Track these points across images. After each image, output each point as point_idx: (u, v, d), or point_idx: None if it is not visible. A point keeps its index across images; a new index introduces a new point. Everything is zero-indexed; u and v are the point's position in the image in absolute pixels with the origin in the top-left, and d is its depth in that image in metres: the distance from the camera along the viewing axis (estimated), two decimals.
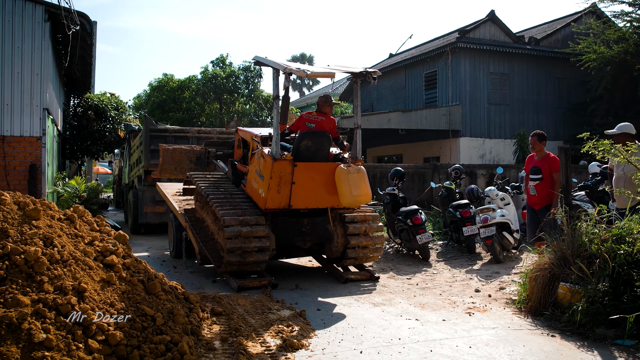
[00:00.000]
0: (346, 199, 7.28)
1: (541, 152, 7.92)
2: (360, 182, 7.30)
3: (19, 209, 4.55)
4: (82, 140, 17.49)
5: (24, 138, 11.56)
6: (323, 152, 7.56)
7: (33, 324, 3.60)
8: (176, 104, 28.05)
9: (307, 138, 7.38)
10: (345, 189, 7.22)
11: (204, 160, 11.09)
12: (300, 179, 7.35)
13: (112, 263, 4.62)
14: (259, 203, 7.63)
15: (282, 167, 7.18)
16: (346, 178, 7.24)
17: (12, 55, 11.46)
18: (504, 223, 9.27)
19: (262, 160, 7.49)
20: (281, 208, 7.52)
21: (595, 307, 5.41)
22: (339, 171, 7.33)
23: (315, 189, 7.52)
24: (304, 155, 7.35)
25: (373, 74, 7.53)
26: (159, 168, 11.15)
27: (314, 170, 7.43)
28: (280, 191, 7.30)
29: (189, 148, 11.38)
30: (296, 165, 7.24)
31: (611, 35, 18.77)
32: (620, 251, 5.62)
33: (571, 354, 4.89)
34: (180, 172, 11.05)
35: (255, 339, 4.93)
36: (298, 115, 16.15)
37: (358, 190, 7.25)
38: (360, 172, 7.39)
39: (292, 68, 7.00)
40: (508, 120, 21.47)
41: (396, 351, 4.89)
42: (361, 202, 7.42)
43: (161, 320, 4.32)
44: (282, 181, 7.25)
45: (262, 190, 7.45)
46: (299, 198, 7.49)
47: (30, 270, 3.99)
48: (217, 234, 7.89)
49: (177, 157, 11.17)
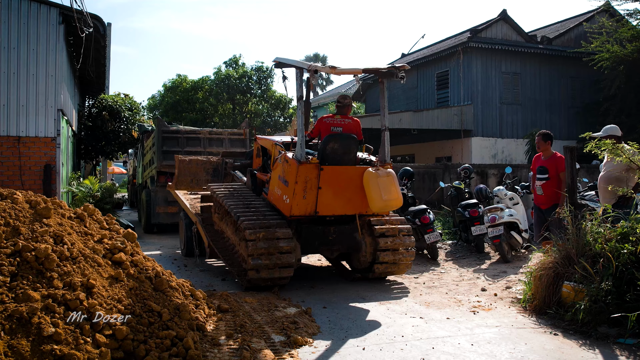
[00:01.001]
0: (376, 203, 6.91)
1: (547, 151, 7.94)
2: (390, 185, 6.92)
3: (30, 208, 4.69)
4: (97, 140, 17.71)
5: (39, 139, 11.76)
6: (350, 155, 7.20)
7: (43, 319, 3.72)
8: (189, 104, 28.29)
9: (333, 141, 7.05)
10: (375, 194, 6.85)
11: (221, 172, 10.76)
12: (327, 183, 6.99)
13: (121, 260, 4.75)
14: (283, 210, 7.23)
15: (308, 171, 6.84)
16: (375, 182, 6.87)
17: (27, 57, 11.67)
18: (512, 222, 9.29)
19: (286, 165, 7.13)
20: (307, 215, 7.14)
21: (598, 306, 5.44)
22: (367, 175, 6.97)
23: (343, 195, 7.16)
24: (331, 158, 7.02)
25: (401, 69, 7.17)
26: (175, 180, 10.71)
27: (341, 174, 7.08)
28: (306, 197, 6.94)
29: (206, 159, 10.96)
30: (322, 169, 6.89)
31: (624, 33, 18.64)
32: (624, 250, 5.65)
33: (572, 352, 4.93)
34: (197, 185, 10.63)
35: (259, 335, 5.03)
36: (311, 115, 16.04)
37: (388, 195, 6.88)
38: (390, 175, 7.01)
39: (318, 65, 6.75)
40: (520, 119, 21.41)
41: (398, 348, 4.97)
42: (392, 206, 7.07)
43: (167, 316, 4.43)
44: (308, 186, 6.90)
45: (286, 197, 7.07)
46: (326, 204, 7.12)
47: (40, 266, 4.13)
48: (238, 245, 7.54)
49: (194, 168, 10.74)
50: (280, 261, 6.94)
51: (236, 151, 11.69)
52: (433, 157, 22.46)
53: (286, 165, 7.10)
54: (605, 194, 7.13)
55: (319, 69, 6.71)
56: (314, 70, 6.71)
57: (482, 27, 21.50)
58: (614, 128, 7.37)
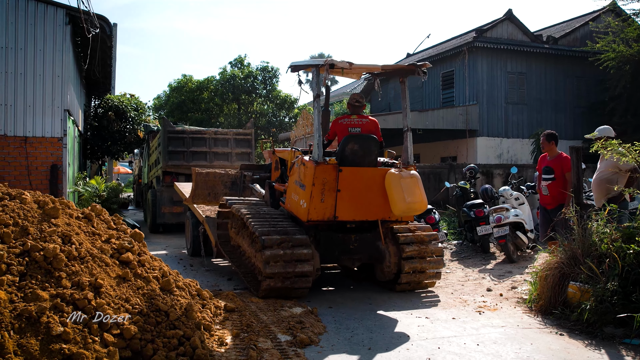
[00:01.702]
0: (399, 206, 6.49)
1: (553, 151, 7.93)
2: (414, 187, 6.53)
3: (38, 208, 4.73)
4: (103, 140, 17.79)
5: (46, 139, 11.82)
6: (371, 157, 6.84)
7: (51, 318, 3.76)
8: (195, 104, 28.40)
9: (353, 141, 6.70)
10: (398, 196, 6.45)
11: (239, 185, 10.39)
12: (346, 186, 6.63)
13: (128, 260, 4.78)
14: (300, 216, 6.83)
15: (326, 172, 6.53)
16: (398, 183, 6.48)
17: (34, 57, 11.73)
18: (518, 223, 9.29)
19: (302, 168, 6.82)
20: (325, 220, 6.72)
21: (604, 306, 5.44)
22: (389, 176, 6.57)
23: (363, 198, 6.75)
24: (350, 160, 6.67)
25: (422, 67, 6.90)
26: (192, 194, 10.32)
27: (361, 176, 6.71)
28: (324, 200, 6.56)
29: (224, 172, 10.63)
30: (341, 171, 6.56)
31: (630, 33, 18.58)
32: (630, 251, 5.65)
33: (578, 352, 4.93)
34: (214, 198, 10.26)
35: (266, 335, 5.06)
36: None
37: (412, 197, 6.47)
38: (414, 177, 6.63)
39: (335, 60, 6.55)
40: (526, 119, 21.37)
41: (404, 348, 4.98)
42: (416, 209, 6.63)
43: (174, 316, 4.46)
44: (326, 188, 6.54)
45: (303, 201, 6.68)
46: (346, 208, 6.71)
47: (49, 266, 4.16)
48: (254, 257, 7.16)
49: (211, 181, 10.35)
50: (298, 270, 6.52)
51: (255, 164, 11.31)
52: (438, 157, 22.44)
53: (303, 167, 6.82)
54: (596, 194, 7.19)
55: (336, 64, 6.49)
56: (330, 64, 6.50)
57: (488, 26, 21.46)
58: (608, 129, 7.42)
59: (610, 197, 6.97)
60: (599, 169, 7.26)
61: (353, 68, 6.58)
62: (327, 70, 6.54)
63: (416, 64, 6.95)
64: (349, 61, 6.52)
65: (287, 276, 6.50)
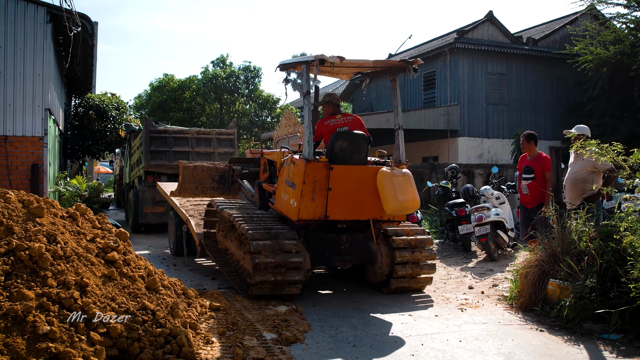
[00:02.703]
0: (391, 205, 6.37)
1: (532, 151, 8.07)
2: (406, 186, 6.43)
3: (23, 207, 4.71)
4: (84, 140, 17.66)
5: (26, 138, 11.71)
6: (361, 155, 6.72)
7: (37, 317, 3.76)
8: (177, 104, 28.27)
9: (342, 138, 6.59)
10: (390, 194, 6.33)
11: (228, 179, 10.17)
12: (338, 184, 6.47)
13: (113, 259, 4.79)
14: (290, 215, 6.64)
15: (317, 170, 6.38)
16: (390, 181, 6.36)
17: (15, 56, 11.62)
18: (499, 222, 9.41)
19: (292, 167, 6.67)
20: (316, 219, 6.56)
21: (583, 303, 5.57)
22: (381, 175, 6.46)
23: (355, 197, 6.61)
24: (339, 158, 6.53)
25: (414, 64, 6.79)
26: (179, 187, 10.04)
27: (352, 174, 6.58)
28: (315, 199, 6.41)
29: (212, 165, 10.33)
30: (332, 169, 6.41)
31: (607, 36, 18.90)
32: (608, 248, 5.79)
33: (558, 347, 5.04)
34: (202, 192, 10.06)
35: (251, 333, 5.09)
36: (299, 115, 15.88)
37: (405, 195, 6.36)
38: (406, 175, 6.53)
39: (326, 55, 6.32)
40: (506, 120, 21.63)
41: (388, 345, 5.05)
42: (409, 208, 6.51)
43: (161, 314, 4.48)
44: (317, 187, 6.39)
45: (293, 200, 6.51)
46: (337, 208, 6.56)
47: (34, 265, 4.15)
48: (242, 260, 7.04)
49: (199, 175, 10.07)
50: (288, 279, 6.39)
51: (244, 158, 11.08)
52: (420, 157, 22.60)
53: (293, 166, 6.66)
54: (572, 194, 7.32)
55: (327, 59, 6.29)
56: (320, 59, 6.31)
57: (469, 28, 21.69)
58: (585, 128, 7.60)
59: (587, 197, 7.11)
60: (573, 169, 7.40)
61: (344, 63, 6.44)
62: (318, 66, 6.39)
63: (407, 60, 6.82)
64: (340, 56, 6.37)
65: (276, 283, 6.37)
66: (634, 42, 18.47)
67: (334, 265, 7.27)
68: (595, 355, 4.81)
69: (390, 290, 7.14)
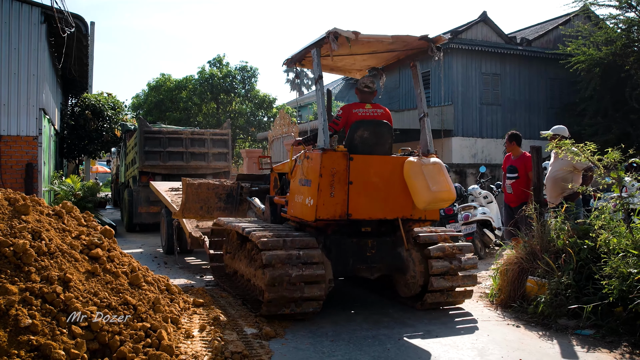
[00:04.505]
0: (422, 197, 5.65)
1: (516, 151, 8.21)
2: (439, 175, 5.73)
3: (9, 205, 4.83)
4: (80, 139, 17.77)
5: (21, 137, 11.82)
6: (384, 146, 6.07)
7: (20, 311, 3.88)
8: (173, 103, 28.41)
9: (363, 127, 5.95)
10: (421, 185, 5.65)
11: (236, 198, 9.41)
12: (359, 177, 5.75)
13: (97, 256, 4.91)
14: (306, 217, 5.79)
15: (335, 161, 5.65)
16: (420, 171, 5.70)
17: (9, 56, 11.73)
18: (485, 220, 9.56)
19: (306, 162, 5.94)
20: (337, 218, 5.72)
21: (559, 299, 5.71)
22: (409, 165, 5.81)
23: (380, 192, 5.86)
24: (360, 149, 5.88)
25: (436, 41, 6.04)
26: (182, 207, 9.23)
27: (375, 165, 5.87)
28: (335, 194, 5.63)
29: (218, 183, 9.57)
30: (352, 159, 5.71)
31: (599, 37, 19.04)
32: (585, 246, 5.92)
33: (532, 342, 5.17)
34: (207, 212, 9.27)
35: (232, 328, 5.22)
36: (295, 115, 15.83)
37: (438, 185, 5.65)
38: (438, 163, 5.85)
39: (340, 29, 5.61)
40: (500, 120, 21.75)
41: (366, 339, 5.17)
42: (443, 199, 5.74)
43: (142, 309, 4.60)
44: (336, 180, 5.64)
45: (310, 199, 5.71)
46: (360, 205, 5.76)
47: (18, 261, 4.27)
48: (253, 277, 6.20)
49: (204, 194, 9.30)
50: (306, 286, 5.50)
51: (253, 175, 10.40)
52: None
53: (307, 161, 5.93)
54: (553, 193, 7.47)
55: (341, 33, 5.58)
56: (333, 33, 5.59)
57: (463, 28, 21.82)
58: (563, 129, 7.75)
59: (566, 195, 7.25)
60: (553, 168, 7.54)
61: (360, 39, 5.69)
62: (333, 41, 5.59)
63: (428, 37, 6.02)
64: (355, 30, 5.64)
65: (293, 300, 5.48)
66: (626, 43, 18.60)
67: (359, 275, 6.26)
68: (566, 350, 4.94)
69: (425, 306, 6.21)
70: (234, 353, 4.48)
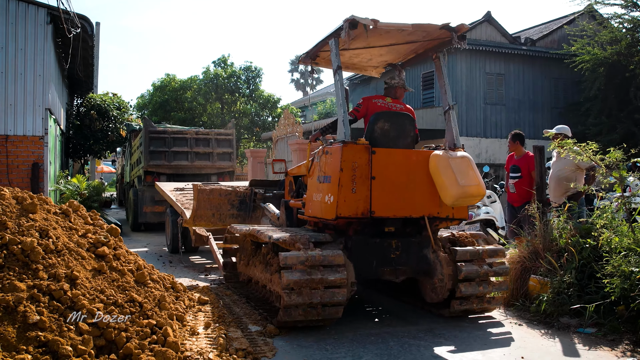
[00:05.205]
0: (451, 192, 5.36)
1: (519, 151, 8.24)
2: (467, 169, 5.46)
3: (17, 203, 4.90)
4: (85, 139, 17.88)
5: (27, 137, 11.92)
6: (406, 139, 5.83)
7: (28, 307, 3.94)
8: (178, 103, 28.48)
9: (383, 119, 5.70)
10: (449, 179, 5.36)
11: (249, 204, 9.19)
12: (382, 172, 5.45)
13: (104, 254, 4.97)
14: (326, 215, 5.47)
15: (356, 154, 5.36)
16: (447, 164, 5.42)
17: (16, 57, 11.82)
18: (489, 220, 9.59)
19: (324, 158, 5.66)
20: (359, 216, 5.39)
21: (561, 298, 5.74)
22: (435, 158, 5.54)
23: (404, 189, 5.55)
24: (381, 142, 5.62)
25: (458, 30, 5.72)
26: (193, 215, 8.96)
27: (399, 160, 5.58)
28: (356, 190, 5.33)
29: (231, 189, 9.33)
30: (374, 153, 5.43)
31: (604, 36, 19.03)
32: (586, 245, 5.96)
33: (534, 340, 5.21)
34: (219, 220, 9.03)
35: (237, 325, 5.28)
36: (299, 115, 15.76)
37: (467, 179, 5.38)
38: (466, 157, 5.58)
39: (358, 16, 5.34)
40: (504, 119, 21.74)
41: (371, 337, 5.22)
42: (473, 195, 5.43)
43: (148, 306, 4.66)
44: (358, 175, 5.34)
45: (329, 195, 5.40)
46: (383, 202, 5.45)
47: (26, 259, 4.34)
48: (269, 283, 5.89)
49: (216, 200, 9.06)
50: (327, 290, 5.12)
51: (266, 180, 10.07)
52: None
53: (325, 157, 5.65)
54: (556, 192, 7.49)
55: (359, 20, 5.31)
56: (351, 21, 5.32)
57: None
58: (566, 128, 7.78)
59: (570, 195, 7.28)
60: (556, 167, 7.56)
61: (379, 27, 5.39)
62: (348, 31, 5.32)
63: (450, 26, 5.71)
64: (374, 18, 5.36)
65: (312, 305, 5.12)
66: (631, 42, 18.60)
67: (383, 278, 5.86)
68: (568, 348, 4.97)
69: (453, 313, 5.87)
70: (239, 350, 4.54)
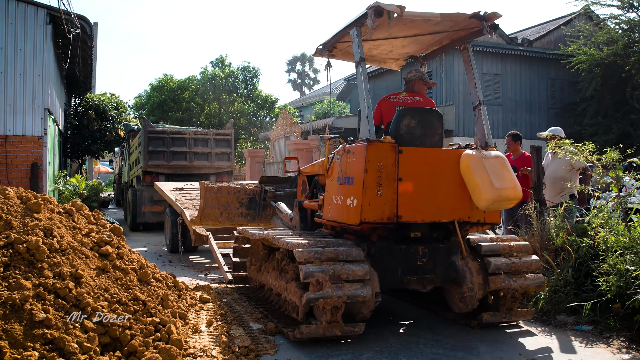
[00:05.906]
0: (485, 195, 4.97)
1: (517, 151, 8.33)
2: (502, 170, 5.08)
3: (21, 203, 4.96)
4: (83, 139, 17.93)
5: (26, 137, 11.96)
6: (434, 137, 5.37)
7: (34, 305, 4.00)
8: (176, 103, 28.52)
9: (409, 115, 5.26)
10: (482, 181, 4.97)
11: (259, 202, 8.80)
12: (410, 173, 5.01)
13: (107, 253, 5.04)
14: (348, 220, 5.05)
15: (382, 154, 4.93)
16: (481, 165, 5.03)
17: (15, 57, 11.87)
18: None
19: (346, 157, 5.23)
20: (385, 221, 4.96)
21: (558, 296, 5.83)
22: (467, 158, 5.13)
23: (433, 191, 5.12)
24: (407, 140, 5.17)
25: (489, 19, 5.26)
26: (199, 214, 8.70)
27: (428, 160, 5.16)
28: (382, 192, 4.90)
29: (240, 187, 8.93)
30: (401, 152, 4.99)
31: (601, 37, 19.16)
32: (583, 244, 6.04)
33: (531, 338, 5.29)
34: (228, 219, 8.74)
35: (238, 323, 5.34)
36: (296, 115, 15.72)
37: (503, 181, 4.98)
38: (500, 157, 5.20)
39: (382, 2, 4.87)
40: (501, 120, 21.86)
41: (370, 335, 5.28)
42: (509, 198, 5.06)
43: (151, 305, 4.72)
44: (384, 176, 4.91)
45: (352, 198, 4.98)
46: (411, 205, 5.01)
47: (31, 257, 4.40)
48: (285, 291, 5.44)
49: (224, 198, 8.75)
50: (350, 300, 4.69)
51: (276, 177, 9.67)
52: None
53: (347, 156, 5.22)
54: (551, 192, 7.58)
55: (384, 7, 4.85)
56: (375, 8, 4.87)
57: None
58: (559, 130, 7.89)
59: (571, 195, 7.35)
60: (551, 168, 7.64)
61: (406, 15, 4.96)
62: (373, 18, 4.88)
63: (479, 14, 5.28)
64: (400, 5, 4.90)
65: (334, 320, 4.76)
66: (627, 43, 18.72)
67: (410, 287, 5.43)
68: (564, 345, 5.05)
69: (482, 324, 5.42)
70: (241, 347, 4.60)
